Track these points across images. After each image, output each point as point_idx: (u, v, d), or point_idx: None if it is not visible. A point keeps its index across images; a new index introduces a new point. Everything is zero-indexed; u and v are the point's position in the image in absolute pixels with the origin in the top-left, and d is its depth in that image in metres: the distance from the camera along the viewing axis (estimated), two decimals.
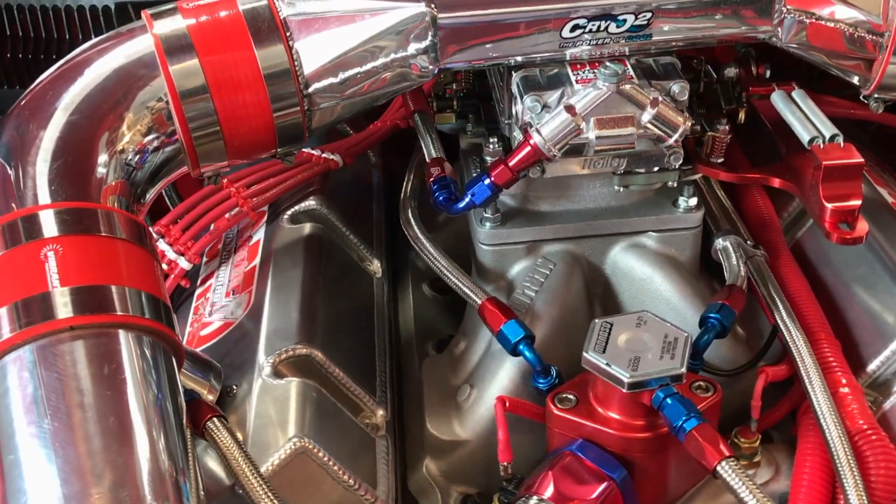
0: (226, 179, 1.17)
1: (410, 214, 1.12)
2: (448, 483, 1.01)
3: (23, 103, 0.86)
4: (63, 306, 0.74)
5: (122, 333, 0.75)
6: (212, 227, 1.16)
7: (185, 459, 0.74)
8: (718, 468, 0.78)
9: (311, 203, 1.18)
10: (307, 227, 1.16)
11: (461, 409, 1.01)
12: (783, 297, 0.98)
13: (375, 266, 1.21)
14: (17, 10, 1.37)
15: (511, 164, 0.95)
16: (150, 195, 0.89)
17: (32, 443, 0.69)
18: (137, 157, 0.86)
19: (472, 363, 1.03)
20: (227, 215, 1.17)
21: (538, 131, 0.92)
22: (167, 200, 1.41)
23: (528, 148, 0.93)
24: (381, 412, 1.00)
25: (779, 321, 0.96)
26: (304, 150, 1.20)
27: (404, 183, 1.21)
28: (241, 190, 1.17)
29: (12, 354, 0.73)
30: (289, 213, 1.17)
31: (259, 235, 1.17)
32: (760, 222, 1.13)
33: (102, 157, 0.83)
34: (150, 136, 0.86)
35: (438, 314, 1.24)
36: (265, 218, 1.19)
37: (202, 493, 0.75)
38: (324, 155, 1.24)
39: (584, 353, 0.86)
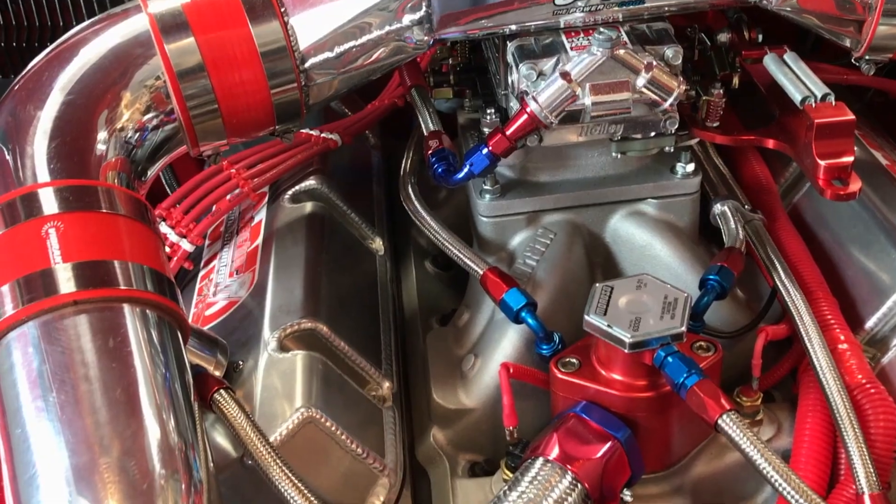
0: (226, 161, 1.17)
1: (410, 189, 1.12)
2: (455, 451, 1.01)
3: (17, 87, 0.86)
4: (66, 281, 0.74)
5: (126, 307, 0.75)
6: (213, 208, 1.17)
7: (193, 431, 0.74)
8: (720, 422, 0.78)
9: (311, 182, 1.19)
10: (308, 206, 1.16)
11: (466, 379, 1.01)
12: (781, 259, 0.99)
13: (377, 244, 1.22)
14: None
15: (508, 132, 0.96)
16: (152, 173, 0.89)
17: (39, 416, 0.69)
18: (137, 134, 0.86)
19: (476, 333, 1.04)
20: (228, 197, 1.17)
21: (535, 99, 0.93)
22: (166, 185, 1.42)
23: (525, 116, 0.94)
24: (387, 384, 1.01)
25: (777, 282, 0.97)
26: (302, 130, 1.21)
27: (403, 159, 1.21)
28: (241, 171, 1.18)
29: (16, 331, 0.73)
30: (290, 192, 1.17)
31: (261, 216, 1.17)
32: (758, 187, 1.14)
33: (101, 135, 0.83)
34: (150, 115, 0.86)
35: (441, 290, 1.24)
36: (266, 198, 1.19)
37: (211, 464, 0.75)
38: (323, 135, 1.24)
39: (586, 316, 0.86)
